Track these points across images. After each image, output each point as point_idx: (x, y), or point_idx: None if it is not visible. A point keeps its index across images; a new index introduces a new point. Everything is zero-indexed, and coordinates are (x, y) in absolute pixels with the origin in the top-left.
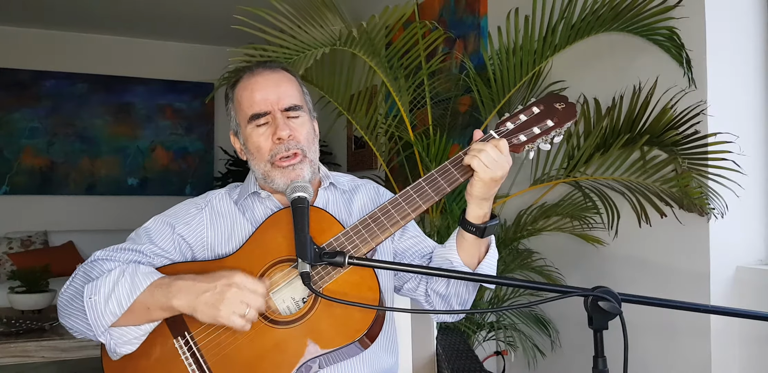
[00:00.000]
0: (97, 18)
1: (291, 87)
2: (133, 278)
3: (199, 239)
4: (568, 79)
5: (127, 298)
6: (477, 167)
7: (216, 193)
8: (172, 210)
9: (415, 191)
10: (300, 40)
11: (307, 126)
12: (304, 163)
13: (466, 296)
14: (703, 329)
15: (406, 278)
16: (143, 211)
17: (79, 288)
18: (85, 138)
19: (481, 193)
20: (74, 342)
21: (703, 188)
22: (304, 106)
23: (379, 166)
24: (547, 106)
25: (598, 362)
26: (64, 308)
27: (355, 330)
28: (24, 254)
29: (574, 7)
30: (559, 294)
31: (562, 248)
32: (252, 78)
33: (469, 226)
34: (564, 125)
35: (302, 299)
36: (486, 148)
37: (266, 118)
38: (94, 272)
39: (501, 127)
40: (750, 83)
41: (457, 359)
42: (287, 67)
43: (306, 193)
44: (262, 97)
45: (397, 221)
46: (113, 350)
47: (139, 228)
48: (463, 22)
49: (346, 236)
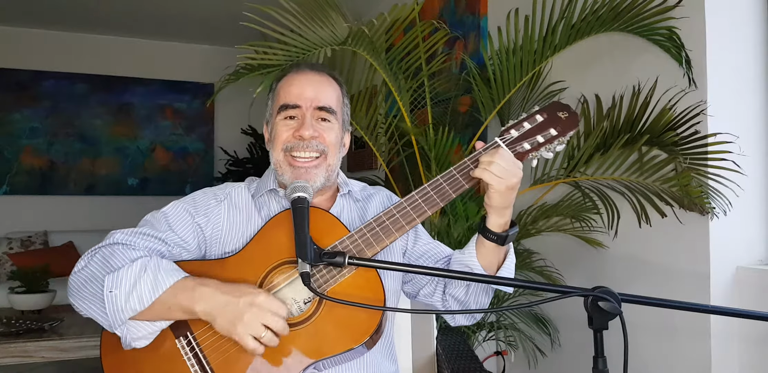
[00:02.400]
0: (97, 18)
1: (331, 91)
2: (155, 275)
3: (215, 232)
4: (568, 79)
5: (149, 296)
6: (490, 180)
7: (235, 186)
8: (190, 197)
9: (420, 196)
10: (307, 38)
11: (335, 132)
12: (320, 168)
13: (484, 300)
14: (703, 329)
15: (421, 284)
16: (143, 211)
17: (96, 273)
18: (85, 138)
19: (500, 202)
20: (74, 342)
21: (703, 187)
22: (338, 113)
23: (379, 166)
24: (551, 115)
25: (598, 362)
26: (77, 289)
27: (361, 333)
28: (24, 254)
29: (574, 7)
30: (559, 294)
31: (562, 249)
32: (296, 75)
33: (490, 234)
34: (567, 134)
35: (304, 301)
36: (494, 159)
37: (295, 112)
38: (115, 259)
39: (505, 134)
40: (750, 83)
41: (457, 359)
42: (335, 74)
43: (306, 193)
44: (299, 92)
45: (402, 225)
46: (128, 343)
47: (157, 212)
48: (463, 22)
49: (350, 239)
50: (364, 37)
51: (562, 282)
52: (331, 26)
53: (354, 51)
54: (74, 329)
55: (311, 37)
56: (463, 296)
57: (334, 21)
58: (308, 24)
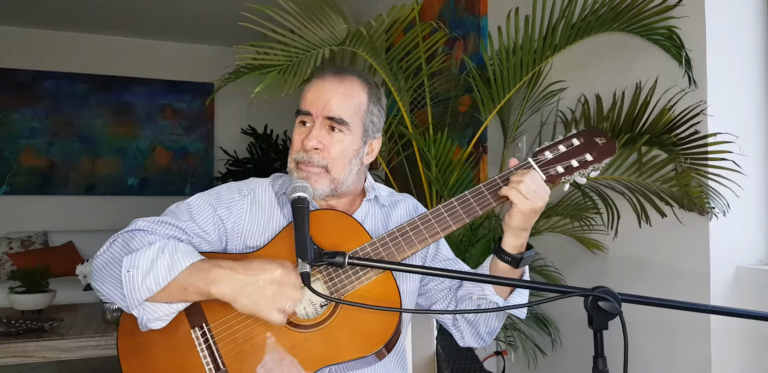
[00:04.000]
0: (97, 18)
1: (347, 99)
2: (172, 256)
3: (236, 225)
4: (568, 79)
5: (166, 276)
6: (516, 199)
7: (259, 181)
8: (215, 190)
9: (446, 209)
10: (306, 39)
11: (344, 145)
12: (322, 178)
13: (495, 324)
14: (703, 329)
15: (434, 300)
16: (143, 211)
17: (116, 255)
18: (85, 138)
19: (520, 224)
20: (74, 342)
21: (703, 187)
22: (351, 124)
23: (379, 165)
24: (588, 140)
25: (598, 362)
26: (99, 271)
27: (374, 342)
28: (24, 254)
29: (574, 7)
30: (559, 294)
31: (562, 249)
32: (318, 80)
33: (505, 255)
34: (603, 161)
35: (320, 304)
36: (525, 179)
37: (308, 119)
38: (135, 242)
39: (539, 155)
40: (750, 83)
41: (457, 359)
42: (365, 76)
43: (306, 193)
44: (313, 99)
45: (425, 238)
46: (144, 324)
47: (181, 203)
48: (463, 22)
49: (372, 247)
50: (363, 38)
51: (562, 282)
52: (330, 27)
53: (354, 51)
54: (74, 329)
55: (310, 37)
56: (473, 317)
57: (333, 21)
58: (308, 24)
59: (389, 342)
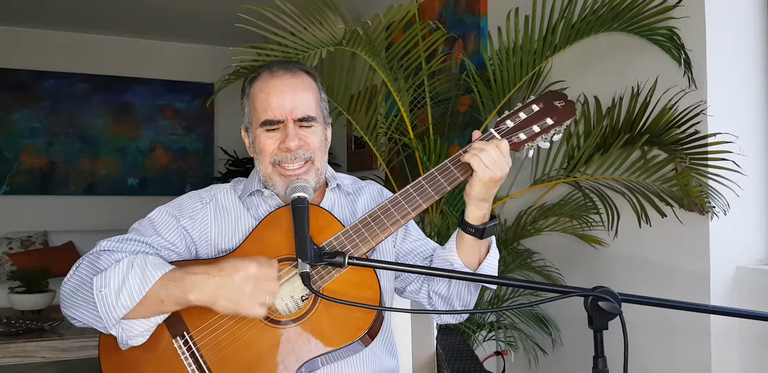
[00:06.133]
0: (97, 18)
1: (308, 95)
2: (143, 269)
3: (203, 234)
4: (568, 79)
5: (139, 291)
6: (477, 167)
7: (221, 187)
8: (177, 202)
9: (414, 189)
10: (304, 39)
11: (318, 135)
12: (310, 173)
13: (467, 298)
14: (703, 329)
15: (408, 281)
16: (143, 211)
17: (84, 278)
18: (85, 138)
19: (480, 193)
20: (74, 342)
21: (703, 187)
22: (318, 117)
23: (378, 166)
24: (547, 104)
25: (598, 362)
26: (68, 298)
27: (357, 329)
28: (24, 254)
29: (574, 7)
30: (559, 294)
31: (562, 248)
32: (270, 80)
33: (468, 227)
34: (563, 123)
35: (301, 298)
36: (487, 148)
37: (278, 126)
38: (101, 262)
39: (501, 125)
40: (750, 83)
41: (457, 359)
42: (308, 68)
43: (306, 193)
44: (278, 104)
45: (397, 219)
46: (125, 342)
47: (143, 219)
48: (463, 22)
49: (346, 235)
50: (362, 38)
51: (562, 282)
52: (329, 27)
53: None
54: (74, 329)
55: (308, 38)
56: (445, 292)
57: (332, 21)
58: (306, 24)
59: (371, 328)
